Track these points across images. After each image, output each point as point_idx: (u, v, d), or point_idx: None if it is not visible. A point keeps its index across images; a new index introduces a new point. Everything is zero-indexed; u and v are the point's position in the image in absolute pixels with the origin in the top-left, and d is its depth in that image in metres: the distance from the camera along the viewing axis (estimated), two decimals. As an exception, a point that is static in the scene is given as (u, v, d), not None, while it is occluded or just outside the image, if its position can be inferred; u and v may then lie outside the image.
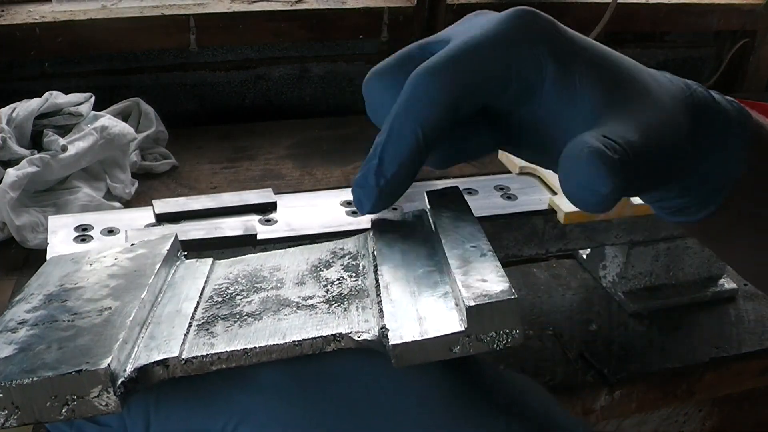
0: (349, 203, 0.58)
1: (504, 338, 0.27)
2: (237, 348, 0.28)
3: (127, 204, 0.79)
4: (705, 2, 1.24)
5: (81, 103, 0.80)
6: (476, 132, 0.35)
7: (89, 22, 0.95)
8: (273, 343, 0.28)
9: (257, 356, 0.28)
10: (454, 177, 0.71)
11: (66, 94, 0.80)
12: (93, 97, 0.82)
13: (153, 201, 0.55)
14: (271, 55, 1.11)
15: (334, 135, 1.03)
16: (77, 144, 0.76)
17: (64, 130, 0.78)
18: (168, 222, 0.53)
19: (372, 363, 0.29)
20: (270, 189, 0.58)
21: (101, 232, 0.53)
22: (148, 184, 0.86)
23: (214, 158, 0.94)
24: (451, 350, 0.27)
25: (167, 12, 0.99)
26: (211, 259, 0.36)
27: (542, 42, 0.32)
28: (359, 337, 0.28)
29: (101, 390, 0.26)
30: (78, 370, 0.26)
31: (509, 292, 0.27)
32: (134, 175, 0.84)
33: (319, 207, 0.57)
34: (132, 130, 0.83)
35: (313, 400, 0.28)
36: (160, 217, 0.54)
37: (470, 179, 0.64)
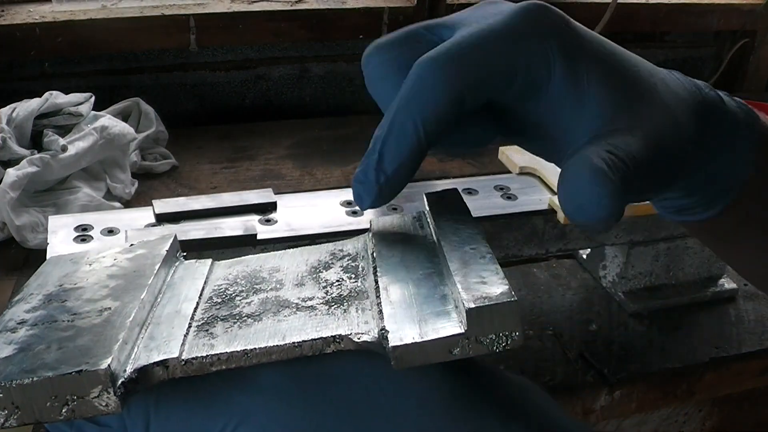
0: (349, 203, 0.57)
1: (504, 340, 0.27)
2: (237, 349, 0.28)
3: (127, 204, 0.79)
4: (705, 2, 1.24)
5: (81, 103, 0.80)
6: (479, 123, 0.34)
7: (89, 22, 0.95)
8: (273, 345, 0.28)
9: (257, 357, 0.28)
10: (454, 177, 0.71)
11: (66, 94, 0.80)
12: (93, 97, 0.82)
13: (153, 201, 0.55)
14: (271, 55, 1.11)
15: (334, 135, 1.03)
16: (77, 144, 0.76)
17: (64, 130, 0.78)
18: (168, 222, 0.53)
19: (372, 365, 0.29)
20: (270, 189, 0.58)
21: (101, 232, 0.53)
22: (148, 184, 0.86)
23: (214, 158, 0.94)
24: (451, 352, 0.27)
25: (167, 12, 0.99)
26: (210, 260, 0.36)
27: (552, 38, 0.31)
28: (359, 339, 0.28)
29: (101, 390, 0.26)
30: (78, 371, 0.26)
31: (509, 295, 0.27)
32: (134, 175, 0.84)
33: (319, 207, 0.57)
34: (132, 130, 0.83)
35: (313, 402, 0.28)
36: (160, 217, 0.54)
37: (470, 179, 0.64)
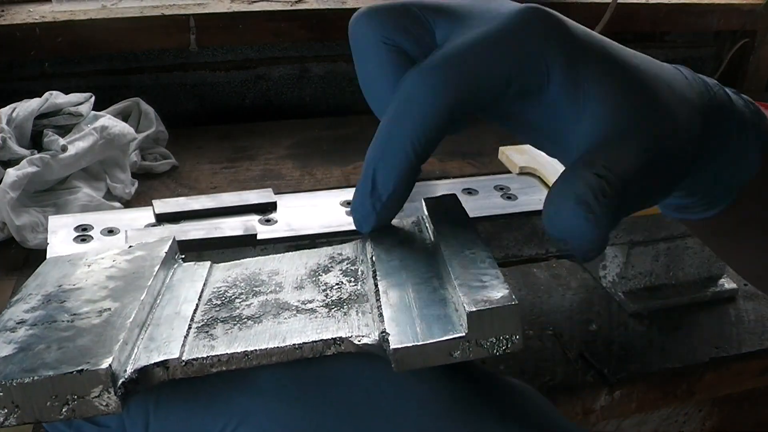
0: (349, 203, 0.57)
1: (504, 344, 0.27)
2: (237, 350, 0.28)
3: (127, 204, 0.79)
4: (705, 2, 1.24)
5: (81, 103, 0.80)
6: (471, 123, 0.34)
7: (89, 22, 0.95)
8: (273, 346, 0.28)
9: (257, 359, 0.28)
10: (455, 177, 0.70)
11: (66, 94, 0.80)
12: (93, 97, 0.82)
13: (153, 201, 0.55)
14: (271, 55, 1.11)
15: (334, 135, 1.03)
16: (77, 144, 0.76)
17: (64, 130, 0.78)
18: (168, 222, 0.53)
19: (372, 367, 0.29)
20: (270, 189, 0.58)
21: (101, 232, 0.53)
22: (148, 184, 0.85)
23: (214, 158, 0.94)
24: (451, 355, 0.27)
25: (167, 12, 0.99)
26: (209, 263, 0.36)
27: (549, 44, 0.31)
28: (359, 341, 0.28)
29: (102, 390, 0.26)
30: (79, 370, 0.26)
31: (509, 298, 0.27)
32: (134, 175, 0.84)
33: (319, 207, 0.57)
34: (132, 130, 0.83)
35: (314, 403, 0.28)
36: (160, 217, 0.53)
37: (470, 179, 0.64)
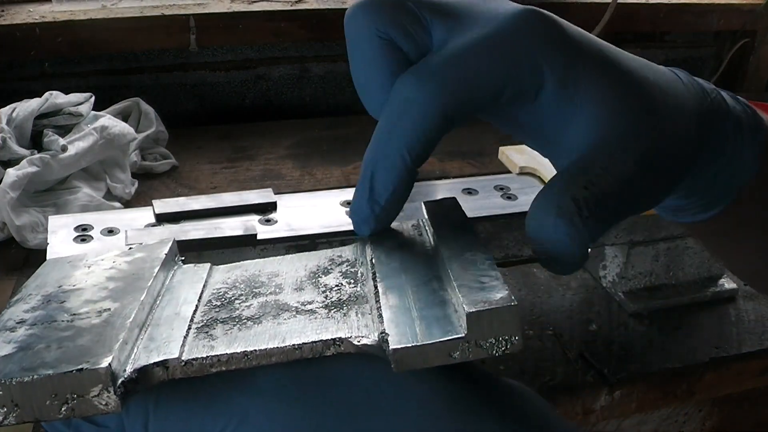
0: (349, 203, 0.57)
1: (503, 344, 0.27)
2: (237, 351, 0.28)
3: (127, 204, 0.79)
4: (705, 2, 1.24)
5: (81, 103, 0.80)
6: (467, 122, 0.34)
7: (89, 22, 0.95)
8: (273, 347, 0.28)
9: (257, 359, 0.28)
10: (455, 177, 0.70)
11: (66, 94, 0.80)
12: (93, 97, 0.82)
13: (153, 201, 0.55)
14: (271, 55, 1.11)
15: (334, 135, 1.03)
16: (77, 144, 0.76)
17: (64, 130, 0.78)
18: (168, 222, 0.53)
19: (372, 367, 0.29)
20: (270, 189, 0.58)
21: (101, 232, 0.53)
22: (148, 184, 0.86)
23: (214, 158, 0.94)
24: (451, 356, 0.27)
25: (167, 12, 0.99)
26: (209, 265, 0.36)
27: (544, 48, 0.31)
28: (359, 342, 0.28)
29: (101, 389, 0.26)
30: (79, 369, 0.26)
31: (509, 299, 0.27)
32: (134, 175, 0.84)
33: (319, 207, 0.57)
34: (132, 130, 0.83)
35: (313, 403, 0.28)
36: (160, 217, 0.53)
37: (470, 179, 0.64)
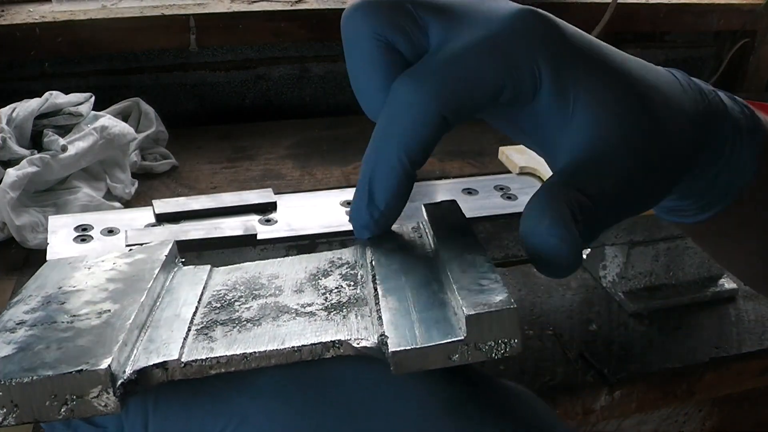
0: (350, 203, 0.57)
1: (503, 347, 0.27)
2: (236, 352, 0.28)
3: (127, 204, 0.79)
4: (705, 2, 1.24)
5: (81, 103, 0.80)
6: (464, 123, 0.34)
7: (89, 22, 0.95)
8: (272, 349, 0.28)
9: (256, 361, 0.28)
10: (455, 177, 0.70)
11: (66, 94, 0.80)
12: (93, 97, 0.82)
13: (153, 201, 0.55)
14: (271, 55, 1.11)
15: (334, 135, 1.03)
16: (77, 144, 0.76)
17: (64, 130, 0.78)
18: (168, 222, 0.53)
19: (372, 369, 0.29)
20: (270, 189, 0.58)
21: (101, 232, 0.53)
22: (148, 184, 0.86)
23: (214, 158, 0.94)
24: (450, 358, 0.27)
25: (167, 12, 0.99)
26: (209, 266, 0.36)
27: (542, 50, 0.30)
28: (358, 344, 0.28)
29: (101, 390, 0.26)
30: (78, 370, 0.26)
31: (508, 302, 0.27)
32: (134, 175, 0.84)
33: (319, 207, 0.57)
34: (132, 130, 0.83)
35: (313, 404, 0.28)
36: (160, 217, 0.53)
37: (470, 179, 0.64)
